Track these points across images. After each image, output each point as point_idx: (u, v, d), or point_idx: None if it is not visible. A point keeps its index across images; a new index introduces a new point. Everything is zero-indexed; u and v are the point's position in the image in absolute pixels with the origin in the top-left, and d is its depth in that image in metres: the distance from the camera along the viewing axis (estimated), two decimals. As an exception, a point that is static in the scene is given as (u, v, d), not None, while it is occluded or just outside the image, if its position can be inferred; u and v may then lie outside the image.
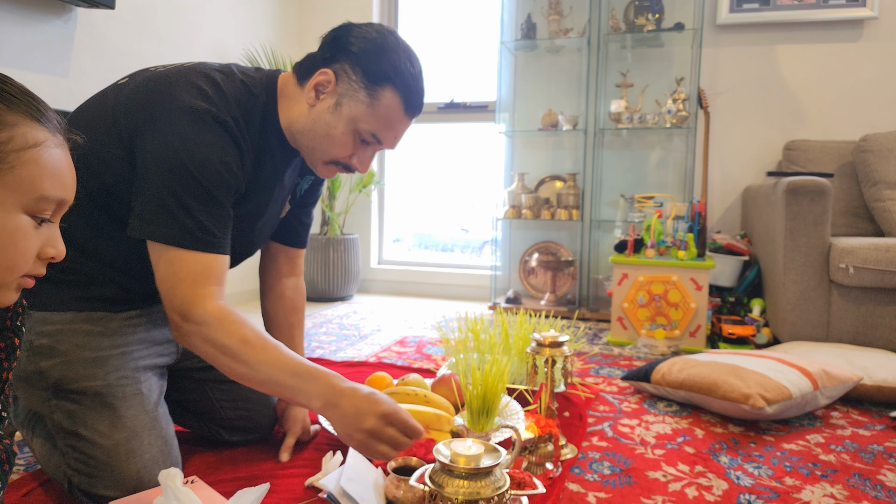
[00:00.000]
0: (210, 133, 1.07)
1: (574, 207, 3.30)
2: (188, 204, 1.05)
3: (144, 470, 1.08)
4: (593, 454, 1.41)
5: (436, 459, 0.76)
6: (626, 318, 2.59)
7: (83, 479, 1.08)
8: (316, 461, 1.31)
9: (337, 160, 1.20)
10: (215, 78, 1.12)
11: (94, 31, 2.34)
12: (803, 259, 2.29)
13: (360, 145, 1.19)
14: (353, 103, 1.15)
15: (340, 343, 2.49)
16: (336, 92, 1.15)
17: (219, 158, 1.08)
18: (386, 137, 1.19)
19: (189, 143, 1.05)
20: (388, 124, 1.17)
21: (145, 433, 1.11)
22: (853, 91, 3.09)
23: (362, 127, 1.16)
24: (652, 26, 3.13)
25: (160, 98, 1.08)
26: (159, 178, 1.05)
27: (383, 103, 1.15)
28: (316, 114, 1.17)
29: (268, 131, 1.20)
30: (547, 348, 1.36)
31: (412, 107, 1.19)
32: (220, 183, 1.08)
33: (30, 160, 0.68)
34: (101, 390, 1.10)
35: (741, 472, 1.33)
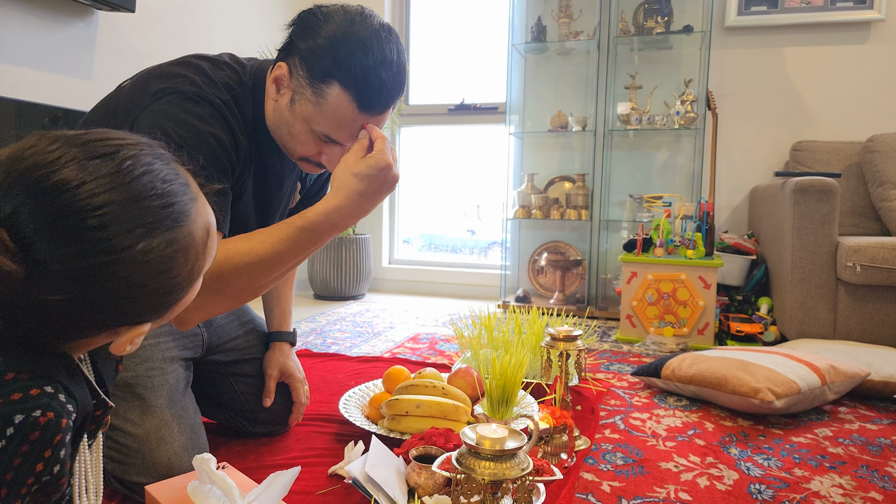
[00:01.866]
0: (198, 109, 1.05)
1: (583, 208, 3.34)
2: None
3: (175, 457, 1.13)
4: (606, 446, 1.45)
5: (462, 442, 0.80)
6: (634, 315, 2.63)
7: (116, 467, 1.13)
8: (338, 451, 1.36)
9: (306, 158, 1.14)
10: (202, 66, 1.11)
11: (116, 34, 2.39)
12: (811, 258, 2.32)
13: (323, 144, 1.11)
14: (303, 101, 1.07)
15: (355, 339, 2.53)
16: (290, 87, 1.08)
17: (208, 132, 1.04)
18: (341, 137, 1.08)
19: (176, 119, 1.02)
20: (340, 124, 1.07)
21: (174, 422, 1.16)
22: (860, 92, 3.11)
23: (315, 128, 1.08)
24: (661, 29, 3.17)
25: (148, 89, 1.07)
26: None
27: (330, 102, 1.05)
28: (279, 110, 1.11)
29: (257, 118, 1.16)
30: (561, 342, 1.40)
31: (368, 103, 1.05)
32: (210, 154, 1.04)
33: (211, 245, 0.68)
34: (131, 381, 1.15)
35: (751, 464, 1.37)
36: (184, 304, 0.66)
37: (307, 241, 1.03)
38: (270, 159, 1.23)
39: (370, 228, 3.94)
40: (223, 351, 1.38)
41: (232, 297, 1.03)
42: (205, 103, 1.06)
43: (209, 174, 1.03)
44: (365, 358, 2.19)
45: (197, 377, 1.36)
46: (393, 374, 1.56)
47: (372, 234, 3.88)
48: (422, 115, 3.91)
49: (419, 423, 1.34)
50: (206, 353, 1.35)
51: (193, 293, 0.67)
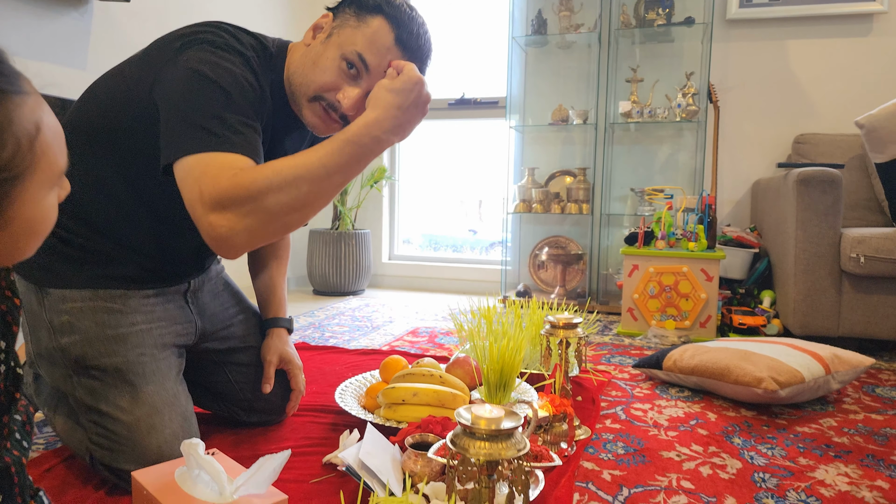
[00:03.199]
0: (230, 56, 1.07)
1: (584, 202, 3.31)
2: (214, 111, 1.00)
3: (165, 445, 1.10)
4: (607, 435, 1.43)
5: (457, 423, 0.77)
6: (636, 309, 2.60)
7: (105, 454, 1.10)
8: (333, 441, 1.33)
9: (321, 94, 1.13)
10: (224, 26, 1.13)
11: (111, 24, 2.37)
12: (814, 249, 2.29)
13: (345, 76, 1.12)
14: (342, 30, 1.12)
15: (353, 333, 2.51)
16: (330, 26, 1.14)
17: (242, 76, 1.06)
18: (373, 61, 1.11)
19: (210, 63, 1.04)
20: (375, 46, 1.10)
21: (165, 409, 1.13)
22: (863, 85, 3.09)
23: (348, 49, 1.10)
24: (662, 21, 3.14)
25: (172, 44, 1.08)
26: (181, 97, 1.01)
27: (371, 27, 1.11)
28: (310, 49, 1.15)
29: (276, 92, 1.18)
30: (561, 330, 1.38)
31: (404, 40, 1.12)
32: (245, 95, 1.05)
33: (43, 146, 0.61)
34: (122, 367, 1.12)
35: (755, 453, 1.34)
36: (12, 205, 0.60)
37: (351, 154, 1.01)
38: (281, 130, 1.23)
39: (370, 224, 3.92)
40: (218, 339, 1.36)
41: (282, 215, 0.98)
42: (236, 53, 1.08)
43: (246, 112, 1.04)
44: (363, 351, 2.16)
45: (190, 366, 1.33)
46: (390, 363, 1.54)
47: (372, 229, 3.86)
48: (421, 110, 3.87)
49: (416, 412, 1.31)
50: (200, 340, 1.32)
51: (23, 200, 0.61)
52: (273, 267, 1.49)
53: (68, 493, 1.10)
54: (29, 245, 0.65)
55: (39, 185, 0.62)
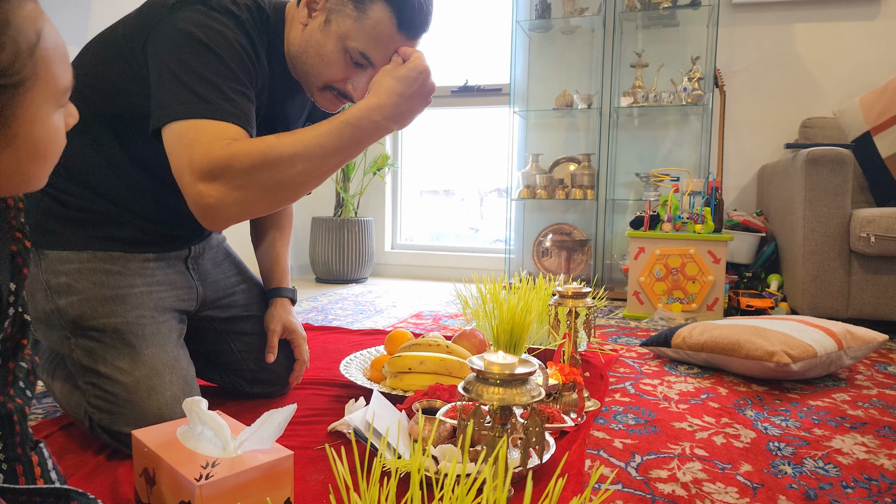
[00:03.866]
0: (223, 19, 1.03)
1: (589, 188, 3.29)
2: (206, 76, 0.97)
3: (166, 407, 1.08)
4: (616, 408, 1.40)
5: (470, 370, 0.75)
6: (642, 292, 2.57)
7: (104, 416, 1.07)
8: (338, 411, 1.31)
9: (331, 84, 1.13)
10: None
11: (110, 3, 2.34)
12: (823, 230, 2.26)
13: (353, 68, 1.11)
14: (341, 18, 1.07)
15: (357, 316, 2.48)
16: (326, 7, 1.08)
17: (235, 39, 1.02)
18: (377, 57, 1.09)
19: (203, 24, 1.00)
20: (378, 41, 1.07)
21: (166, 371, 1.10)
22: (870, 68, 3.05)
23: (350, 45, 1.08)
24: (668, 4, 3.12)
25: (165, 3, 1.05)
26: (173, 60, 0.98)
27: (371, 18, 1.06)
28: (308, 33, 1.11)
29: (273, 54, 1.15)
30: (570, 300, 1.35)
31: (407, 23, 1.07)
32: (238, 59, 1.02)
33: (45, 56, 0.58)
34: (121, 327, 1.10)
35: (768, 424, 1.31)
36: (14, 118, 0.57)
37: (350, 137, 1.00)
38: (281, 94, 1.20)
39: (373, 212, 3.89)
40: (220, 307, 1.33)
41: (274, 191, 0.98)
42: (229, 15, 1.04)
43: (239, 78, 1.02)
44: (367, 331, 2.14)
45: (193, 335, 1.31)
46: (395, 336, 1.51)
47: (375, 218, 3.83)
48: (424, 98, 3.85)
49: (423, 380, 1.28)
50: (202, 307, 1.30)
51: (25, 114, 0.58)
52: (276, 237, 1.47)
53: (67, 458, 1.07)
54: (36, 170, 0.62)
55: (43, 99, 0.59)
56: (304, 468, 1.03)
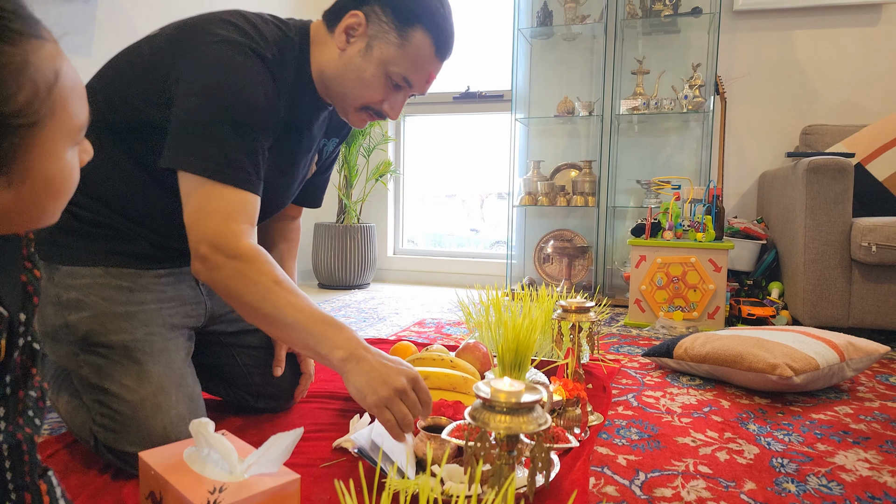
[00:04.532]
0: (248, 63, 1.06)
1: (590, 194, 3.29)
2: (224, 136, 1.03)
3: (171, 426, 1.07)
4: (620, 422, 1.40)
5: (476, 397, 0.75)
6: (643, 300, 2.58)
7: (109, 436, 1.07)
8: (343, 426, 1.31)
9: (369, 105, 1.18)
10: (250, 18, 1.13)
11: (116, 11, 2.35)
12: (824, 238, 2.26)
13: (391, 89, 1.17)
14: (384, 45, 1.12)
15: (359, 324, 2.48)
16: (366, 34, 1.13)
17: (259, 92, 1.06)
18: (416, 80, 1.17)
19: (228, 71, 1.04)
20: (419, 66, 1.15)
21: (172, 389, 1.10)
22: (871, 75, 3.06)
23: (393, 70, 1.14)
24: (669, 11, 3.12)
25: (195, 33, 1.08)
26: (196, 108, 1.03)
27: (413, 44, 1.13)
28: (347, 58, 1.15)
29: (301, 77, 1.19)
30: (573, 314, 1.35)
31: (443, 49, 1.16)
32: (258, 117, 1.06)
33: (62, 95, 0.59)
34: (129, 344, 1.10)
35: (771, 439, 1.32)
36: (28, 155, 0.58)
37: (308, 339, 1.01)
38: (302, 123, 1.24)
39: (375, 218, 3.90)
40: (226, 321, 1.33)
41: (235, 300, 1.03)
42: (254, 57, 1.07)
43: (256, 134, 1.06)
44: (370, 340, 2.14)
45: (199, 349, 1.31)
46: (399, 349, 1.52)
47: (377, 223, 3.83)
48: (427, 104, 3.86)
49: (427, 396, 1.29)
50: (209, 322, 1.30)
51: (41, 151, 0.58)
52: (284, 250, 1.48)
53: (72, 477, 1.08)
54: (49, 206, 0.62)
55: (58, 137, 0.59)
56: (309, 487, 1.04)
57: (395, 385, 0.97)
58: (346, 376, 0.99)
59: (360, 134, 3.46)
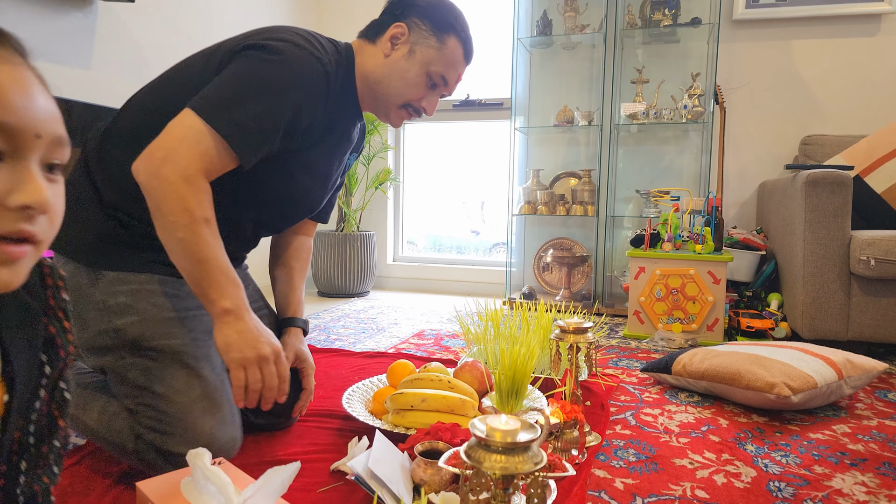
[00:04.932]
0: (306, 63, 1.17)
1: (589, 203, 3.29)
2: (250, 105, 1.10)
3: (217, 428, 1.12)
4: (618, 442, 1.40)
5: (471, 434, 0.75)
6: (642, 311, 2.58)
7: (157, 437, 1.10)
8: (341, 447, 1.31)
9: (409, 103, 1.35)
10: (308, 32, 1.25)
11: (115, 23, 2.35)
12: (823, 251, 2.27)
13: (429, 89, 1.35)
14: (425, 49, 1.32)
15: (359, 336, 2.49)
16: (409, 41, 1.32)
17: (304, 87, 1.16)
18: (451, 78, 1.36)
19: (281, 62, 1.14)
20: (453, 67, 1.35)
21: (216, 393, 1.15)
22: (870, 85, 3.06)
23: (433, 69, 1.32)
24: (668, 21, 3.12)
25: (261, 33, 1.20)
26: (241, 74, 1.12)
27: (449, 48, 1.33)
28: (392, 61, 1.32)
29: (346, 85, 1.32)
30: (571, 335, 1.35)
31: (469, 53, 1.38)
32: (292, 103, 1.15)
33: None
34: (178, 349, 1.15)
35: (769, 461, 1.32)
36: None
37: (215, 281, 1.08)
38: (341, 129, 1.36)
39: (375, 226, 3.90)
40: None
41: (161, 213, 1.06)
42: (314, 61, 1.19)
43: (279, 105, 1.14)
44: (369, 353, 2.14)
45: None
46: (397, 368, 1.52)
47: (376, 231, 3.84)
48: (425, 111, 3.86)
49: (425, 418, 1.29)
50: None
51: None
52: (295, 268, 1.52)
53: (69, 501, 1.08)
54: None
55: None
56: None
57: (261, 352, 1.09)
58: (220, 328, 1.08)
59: (359, 142, 3.45)
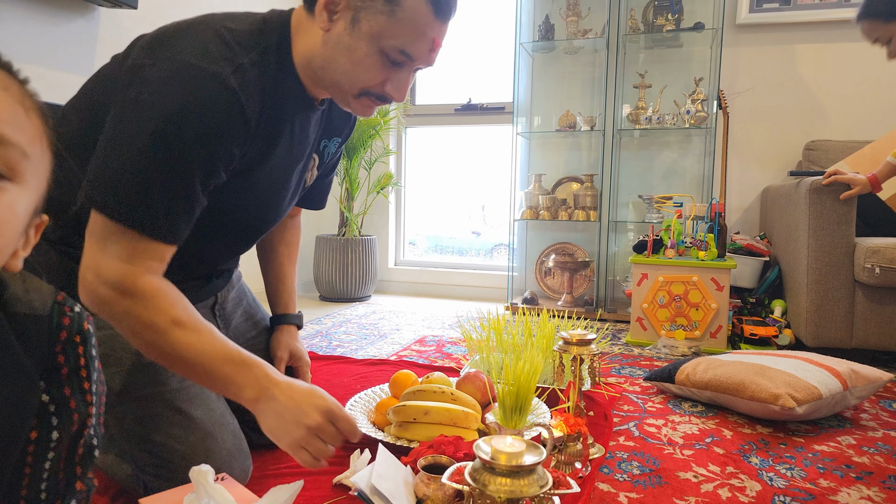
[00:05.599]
0: (200, 90, 0.91)
1: (591, 208, 3.28)
2: (149, 181, 0.91)
3: (224, 465, 1.09)
4: (621, 454, 1.40)
5: (476, 456, 0.75)
6: (645, 318, 2.57)
7: (163, 484, 1.06)
8: (343, 459, 1.31)
9: (368, 90, 1.04)
10: (219, 28, 0.99)
11: (118, 31, 2.35)
12: (827, 259, 2.26)
13: (391, 68, 1.02)
14: (372, 16, 0.97)
15: (360, 342, 2.48)
16: (350, 7, 0.98)
17: (202, 123, 0.92)
18: (417, 51, 1.00)
19: (167, 98, 0.90)
20: (418, 34, 0.98)
21: (217, 430, 1.11)
22: (875, 90, 3.05)
23: (387, 44, 0.98)
24: (671, 26, 3.11)
25: (156, 49, 0.96)
26: (128, 140, 0.91)
27: (406, 9, 0.96)
28: (333, 39, 1.00)
29: (283, 77, 1.05)
30: (574, 346, 1.35)
31: (442, 7, 0.99)
32: (197, 158, 0.93)
33: None
34: (168, 395, 1.10)
35: (773, 474, 1.31)
36: None
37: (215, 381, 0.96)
38: (293, 124, 1.12)
39: (376, 230, 3.89)
40: None
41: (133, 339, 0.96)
42: (210, 80, 0.93)
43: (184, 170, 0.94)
44: (371, 361, 2.14)
45: None
46: (400, 378, 1.51)
47: (378, 235, 3.83)
48: (428, 116, 3.86)
49: (428, 431, 1.28)
50: None
51: None
52: (283, 255, 1.45)
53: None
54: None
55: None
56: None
57: (308, 424, 0.93)
58: (260, 417, 0.96)
59: (361, 147, 3.45)
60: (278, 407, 0.94)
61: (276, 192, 1.18)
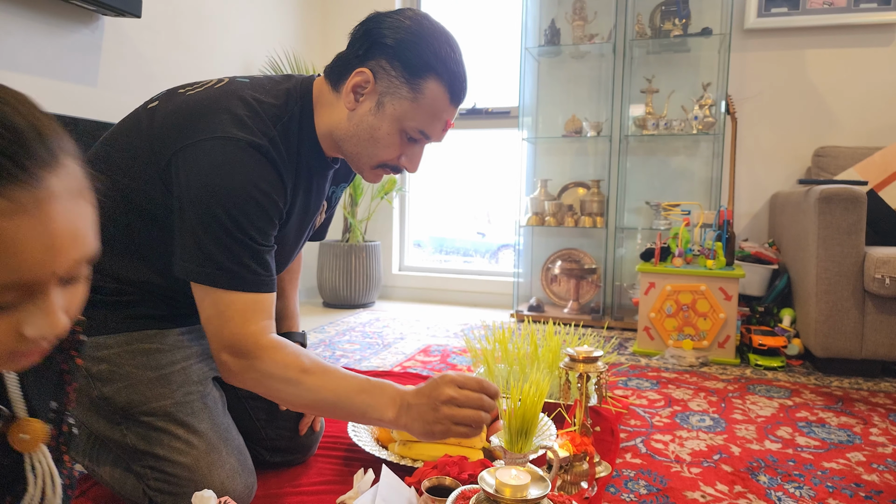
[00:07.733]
0: (248, 160, 1.03)
1: (598, 214, 3.26)
2: (229, 244, 1.01)
3: (228, 480, 1.09)
4: (628, 472, 1.38)
5: (480, 488, 0.73)
6: (652, 328, 2.55)
7: (167, 498, 1.08)
8: (346, 479, 1.29)
9: (385, 163, 1.14)
10: (248, 100, 1.08)
11: (122, 40, 2.35)
12: (836, 269, 2.23)
13: (407, 144, 1.12)
14: (396, 101, 1.07)
15: (364, 352, 2.47)
16: (376, 91, 1.08)
17: (258, 189, 1.03)
18: (433, 131, 1.12)
19: (225, 176, 1.01)
20: (435, 117, 1.10)
21: (221, 444, 1.12)
22: (884, 96, 3.02)
23: (408, 125, 1.09)
24: (679, 31, 3.09)
25: (194, 125, 1.05)
26: (197, 219, 1.01)
27: (427, 95, 1.07)
28: (358, 117, 1.10)
29: (305, 144, 1.15)
30: (581, 364, 1.33)
31: (458, 94, 1.11)
32: (261, 216, 1.04)
33: None
34: (171, 409, 1.10)
35: (782, 493, 1.29)
36: None
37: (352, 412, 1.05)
38: (311, 183, 1.21)
39: (380, 235, 3.88)
40: None
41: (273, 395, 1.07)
42: (254, 153, 1.03)
43: (260, 231, 1.05)
44: (374, 372, 2.13)
45: None
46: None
47: (382, 240, 3.82)
48: (433, 120, 3.84)
49: (432, 450, 1.27)
50: None
51: None
52: (285, 280, 1.47)
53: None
54: None
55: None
56: (311, 554, 1.02)
57: (442, 399, 1.00)
58: (408, 430, 1.03)
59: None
60: (416, 411, 1.02)
61: (293, 242, 1.27)
